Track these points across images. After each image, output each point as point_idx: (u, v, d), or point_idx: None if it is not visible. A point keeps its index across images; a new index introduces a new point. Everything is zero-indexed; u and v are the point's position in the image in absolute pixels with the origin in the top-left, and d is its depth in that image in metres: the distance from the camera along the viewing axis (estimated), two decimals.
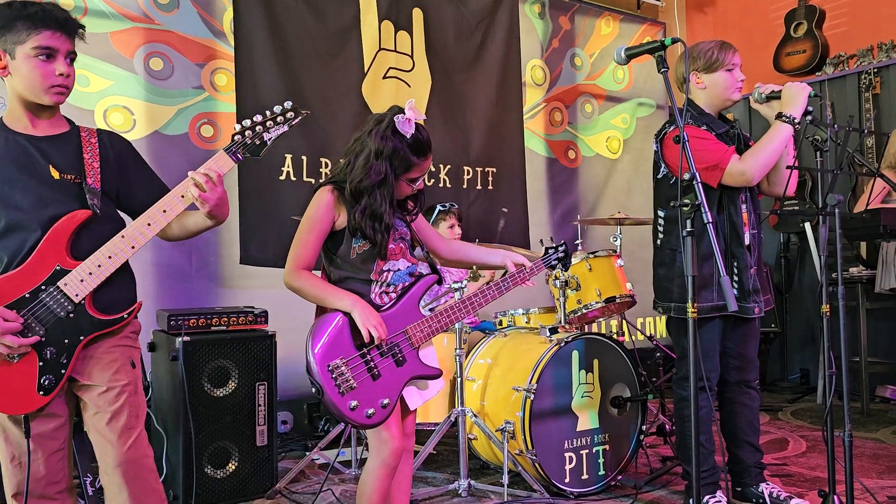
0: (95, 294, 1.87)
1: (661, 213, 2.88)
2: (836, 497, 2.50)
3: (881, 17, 5.32)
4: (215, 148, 4.08)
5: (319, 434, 4.06)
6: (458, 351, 3.19)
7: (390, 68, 4.70)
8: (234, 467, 3.08)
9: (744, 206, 2.77)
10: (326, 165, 4.35)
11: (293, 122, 1.98)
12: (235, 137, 1.92)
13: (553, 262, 2.50)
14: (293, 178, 4.26)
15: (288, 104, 1.97)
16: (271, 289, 4.03)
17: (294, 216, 3.79)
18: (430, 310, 2.22)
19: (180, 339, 2.98)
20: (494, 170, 5.11)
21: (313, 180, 4.28)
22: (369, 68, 4.60)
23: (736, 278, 2.74)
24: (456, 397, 3.18)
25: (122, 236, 1.87)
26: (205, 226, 1.99)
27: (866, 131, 2.91)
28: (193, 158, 3.88)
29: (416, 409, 2.25)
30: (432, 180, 4.82)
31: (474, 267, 3.32)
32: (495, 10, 5.18)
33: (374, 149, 2.07)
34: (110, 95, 3.80)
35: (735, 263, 2.74)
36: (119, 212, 2.02)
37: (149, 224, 1.88)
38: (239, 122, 1.94)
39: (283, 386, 3.44)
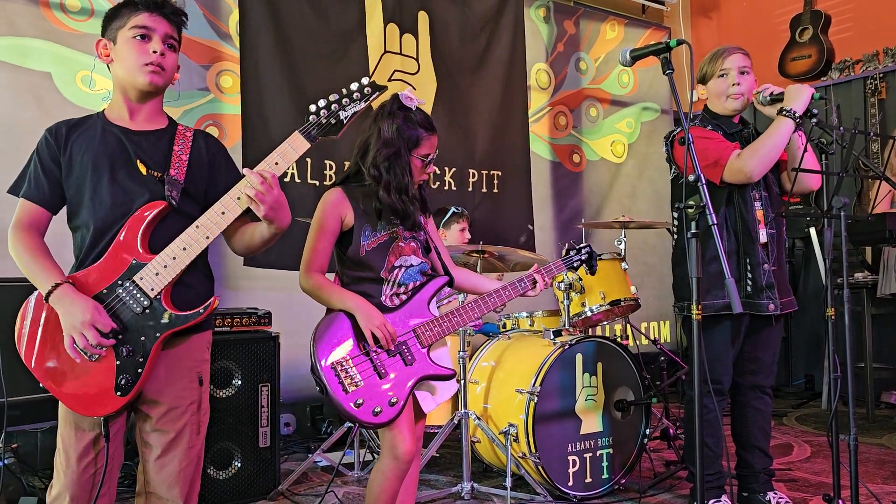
0: (174, 292, 1.80)
1: (674, 214, 2.88)
2: (840, 501, 2.48)
3: (887, 22, 5.31)
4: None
5: (322, 436, 4.06)
6: (461, 353, 3.18)
7: (395, 71, 4.71)
8: (236, 468, 3.07)
9: (758, 204, 2.75)
10: (331, 167, 4.35)
11: (371, 99, 1.89)
12: (310, 118, 1.85)
13: (575, 264, 2.48)
14: (297, 180, 4.26)
15: (365, 80, 1.89)
16: (275, 291, 4.04)
17: (298, 217, 3.78)
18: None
19: None
20: (499, 173, 5.12)
21: (317, 182, 4.29)
22: (374, 71, 4.61)
23: (749, 276, 2.72)
24: (459, 400, 3.17)
25: (197, 226, 1.79)
26: (267, 235, 1.87)
27: (872, 134, 2.89)
28: None
29: (426, 413, 2.23)
30: (437, 183, 4.82)
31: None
32: (500, 14, 5.19)
33: (383, 127, 2.12)
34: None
35: (748, 261, 2.72)
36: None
37: (223, 213, 1.81)
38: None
39: (286, 388, 3.43)
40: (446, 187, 4.86)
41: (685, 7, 6.48)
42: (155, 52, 1.85)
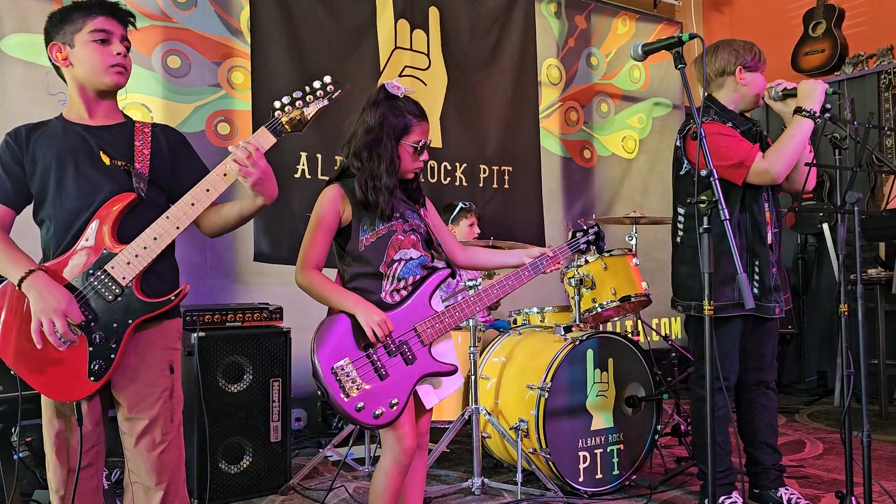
0: (143, 280, 1.87)
1: (680, 211, 2.86)
2: (853, 499, 2.47)
3: None
4: (232, 145, 4.10)
5: (332, 431, 4.07)
6: (472, 349, 3.18)
7: (406, 67, 4.70)
8: (247, 463, 3.09)
9: (766, 205, 2.74)
10: (341, 163, 4.34)
11: (333, 96, 1.96)
12: (276, 113, 1.92)
13: (581, 246, 2.42)
14: (308, 176, 4.27)
15: (328, 78, 1.96)
16: (285, 286, 4.03)
17: (309, 213, 3.80)
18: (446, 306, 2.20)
19: (195, 334, 2.99)
20: (510, 169, 5.11)
21: (328, 178, 4.28)
22: (385, 67, 4.61)
23: (757, 277, 2.71)
24: (470, 395, 3.17)
25: (167, 217, 1.86)
26: (255, 207, 1.94)
27: (886, 129, 2.87)
28: (210, 156, 3.87)
29: (431, 408, 2.23)
30: (448, 178, 4.82)
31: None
32: (511, 9, 5.18)
33: (367, 117, 2.13)
34: (128, 93, 3.82)
35: (757, 262, 2.71)
36: (169, 203, 1.99)
37: (193, 204, 1.87)
38: (272, 104, 1.94)
39: (296, 383, 3.44)
40: (457, 183, 4.86)
41: (697, 2, 6.44)
42: (119, 53, 1.91)
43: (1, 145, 1.92)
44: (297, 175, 4.24)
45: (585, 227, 2.45)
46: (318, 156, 4.32)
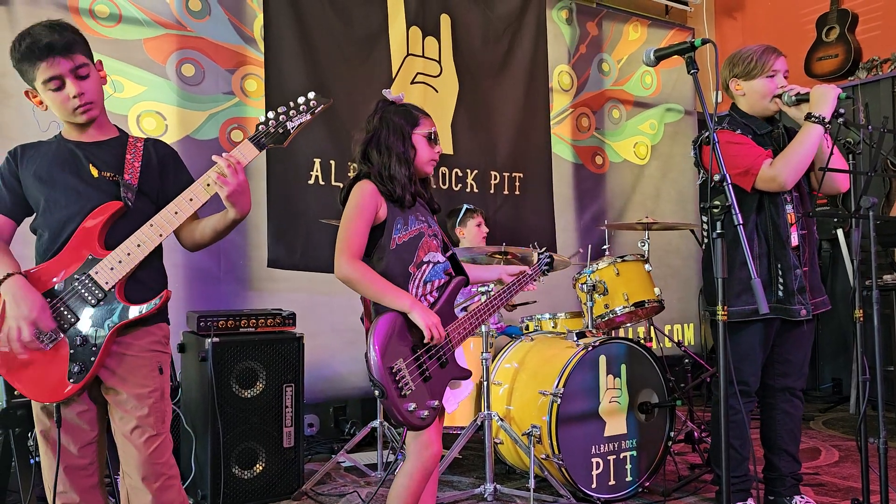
0: (127, 286, 1.92)
1: (703, 218, 2.85)
2: None
3: None
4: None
5: (345, 437, 4.08)
6: (484, 355, 3.18)
7: (418, 73, 4.72)
8: (261, 468, 3.10)
9: (789, 207, 2.71)
10: (355, 170, 4.36)
11: (316, 111, 2.03)
12: (259, 127, 1.98)
13: (543, 268, 2.63)
14: (322, 183, 4.29)
15: (311, 94, 2.03)
16: (298, 292, 4.06)
17: (322, 220, 3.82)
18: (463, 310, 2.23)
19: (209, 340, 3.01)
20: (521, 175, 5.11)
21: (341, 184, 4.30)
22: (397, 74, 4.63)
23: (781, 280, 2.69)
24: (482, 401, 3.17)
25: (151, 225, 1.92)
26: (226, 222, 1.99)
27: None
28: None
29: (448, 413, 2.25)
30: (459, 185, 4.83)
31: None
32: (522, 16, 5.19)
33: (371, 123, 2.19)
34: (143, 101, 3.86)
35: (779, 265, 2.69)
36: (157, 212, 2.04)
37: (176, 212, 1.93)
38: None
39: (309, 389, 3.45)
40: (468, 189, 4.87)
41: (709, 7, 6.43)
42: (74, 96, 1.92)
43: (2, 163, 2.02)
44: (311, 181, 4.26)
45: (543, 250, 2.78)
46: (332, 162, 4.33)
